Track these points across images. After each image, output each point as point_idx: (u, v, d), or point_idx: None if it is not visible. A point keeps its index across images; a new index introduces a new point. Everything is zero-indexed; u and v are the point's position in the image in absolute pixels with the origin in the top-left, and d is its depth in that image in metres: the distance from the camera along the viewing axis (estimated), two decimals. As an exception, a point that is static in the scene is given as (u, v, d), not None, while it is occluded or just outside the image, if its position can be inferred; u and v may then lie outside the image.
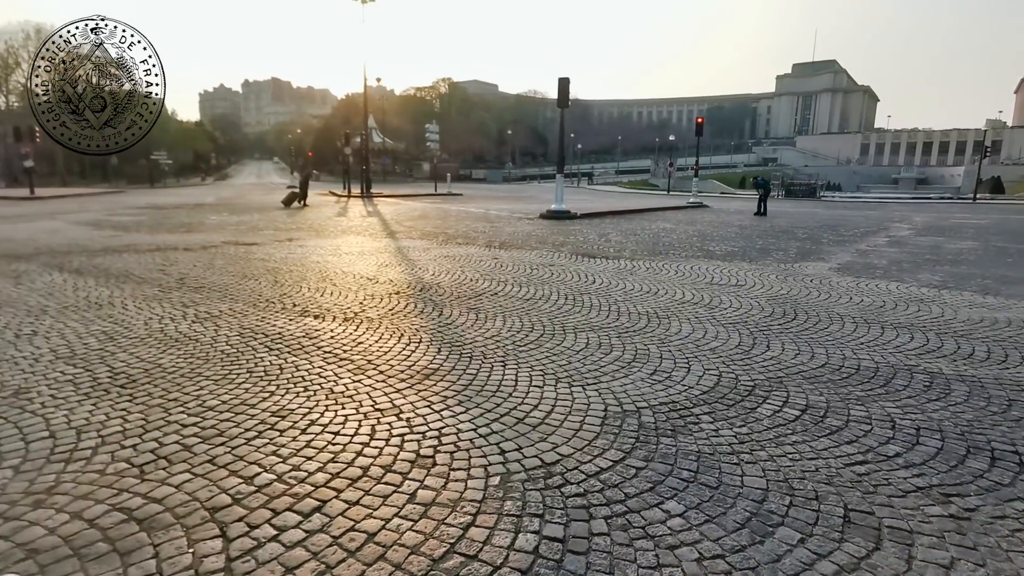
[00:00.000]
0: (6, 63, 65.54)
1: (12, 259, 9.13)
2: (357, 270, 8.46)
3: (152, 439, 3.18)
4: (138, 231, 13.82)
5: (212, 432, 3.28)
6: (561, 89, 18.11)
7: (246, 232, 13.73)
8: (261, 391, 3.88)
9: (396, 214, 20.26)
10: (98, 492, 2.66)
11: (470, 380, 4.16)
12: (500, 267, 8.89)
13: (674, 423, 3.49)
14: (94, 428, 3.29)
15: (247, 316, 5.76)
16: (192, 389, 3.89)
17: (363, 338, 5.12)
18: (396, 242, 12.06)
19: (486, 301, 6.60)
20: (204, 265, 8.71)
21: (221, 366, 4.33)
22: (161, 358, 4.48)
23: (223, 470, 2.88)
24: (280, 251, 10.36)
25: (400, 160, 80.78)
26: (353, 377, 4.17)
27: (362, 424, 3.42)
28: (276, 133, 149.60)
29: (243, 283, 7.37)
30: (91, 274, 7.87)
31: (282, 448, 3.11)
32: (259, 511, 2.54)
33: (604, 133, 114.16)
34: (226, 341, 4.93)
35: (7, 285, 7.03)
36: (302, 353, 4.67)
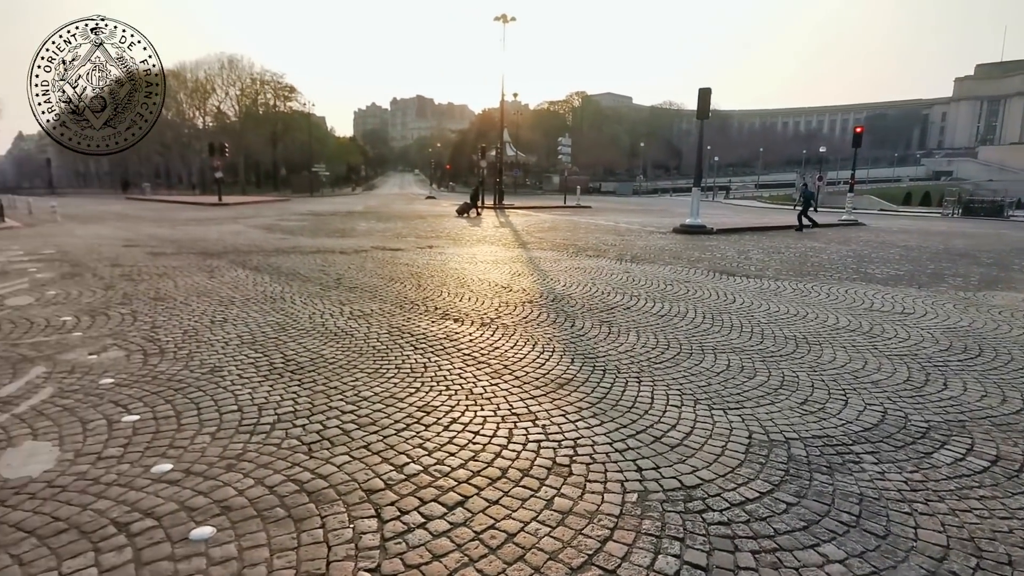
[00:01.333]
0: (204, 89, 77.01)
1: (207, 256, 10.68)
2: (492, 278, 8.79)
3: (317, 421, 3.54)
4: (302, 235, 15.51)
5: (367, 421, 3.58)
6: (702, 100, 17.46)
7: (391, 239, 14.82)
8: (408, 387, 4.16)
9: (527, 225, 20.73)
10: (276, 463, 3.02)
11: (604, 393, 4.13)
12: (632, 281, 8.75)
13: (830, 459, 3.20)
14: (272, 406, 3.73)
15: (394, 316, 6.22)
16: (349, 380, 4.27)
17: (499, 343, 5.30)
18: (528, 252, 12.33)
19: (619, 315, 6.52)
20: (357, 267, 9.55)
21: (373, 360, 4.72)
22: (323, 349, 4.98)
23: (376, 456, 3.13)
24: (422, 257, 11.06)
25: (531, 172, 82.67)
26: (491, 380, 4.33)
27: (500, 427, 3.54)
28: (418, 147, 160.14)
29: (390, 285, 7.97)
30: (266, 271, 8.98)
31: (427, 442, 3.31)
32: (408, 498, 2.73)
33: (744, 145, 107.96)
34: (377, 338, 5.36)
35: (204, 278, 8.24)
36: (444, 354, 4.94)
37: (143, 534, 2.40)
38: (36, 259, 9.91)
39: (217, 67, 75.01)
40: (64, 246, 11.99)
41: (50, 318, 5.69)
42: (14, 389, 3.88)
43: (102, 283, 7.61)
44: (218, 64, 74.90)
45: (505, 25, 35.61)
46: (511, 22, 35.66)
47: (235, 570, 2.21)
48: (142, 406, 3.67)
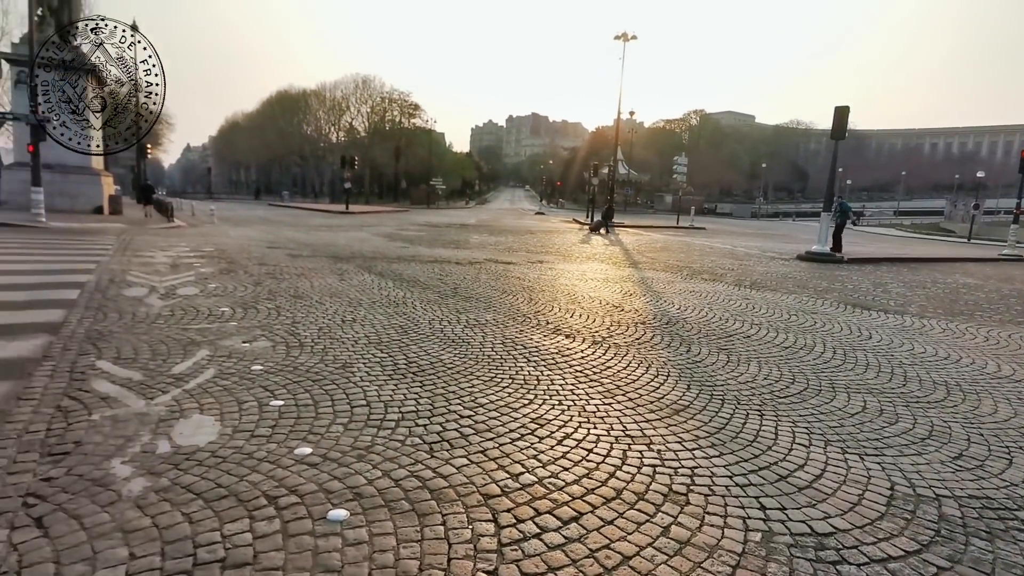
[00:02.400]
0: (340, 107, 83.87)
1: (337, 260, 11.60)
2: (603, 296, 8.73)
3: (437, 423, 3.71)
4: (420, 245, 16.36)
5: (483, 427, 3.70)
6: (838, 118, 16.28)
7: (503, 252, 15.22)
8: (521, 398, 4.25)
9: (637, 245, 20.38)
10: (400, 458, 3.21)
11: (723, 424, 3.96)
12: (752, 308, 8.30)
13: (990, 525, 2.84)
14: (396, 404, 3.97)
15: (508, 328, 6.38)
16: (466, 385, 4.44)
17: (612, 363, 5.25)
18: (639, 272, 12.12)
19: (738, 343, 6.22)
20: (472, 278, 9.91)
21: (488, 369, 4.87)
22: (442, 354, 5.21)
23: (492, 463, 3.22)
24: (533, 272, 11.25)
25: (642, 191, 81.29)
26: (603, 399, 4.30)
27: (613, 447, 3.51)
28: (530, 163, 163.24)
29: (503, 297, 8.19)
30: (389, 277, 9.59)
31: (541, 454, 3.36)
32: (524, 507, 2.78)
33: (882, 167, 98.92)
34: (492, 348, 5.52)
35: (335, 280, 8.96)
36: (556, 369, 4.98)
37: (288, 509, 2.65)
38: (199, 255, 11.30)
39: (352, 87, 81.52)
40: (221, 245, 13.57)
41: (212, 308, 6.46)
42: (185, 368, 4.45)
43: (252, 279, 8.52)
44: (353, 84, 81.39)
45: (625, 43, 35.52)
46: (631, 40, 35.50)
47: (366, 553, 2.38)
48: (286, 393, 4.06)
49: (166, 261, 10.11)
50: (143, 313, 6.04)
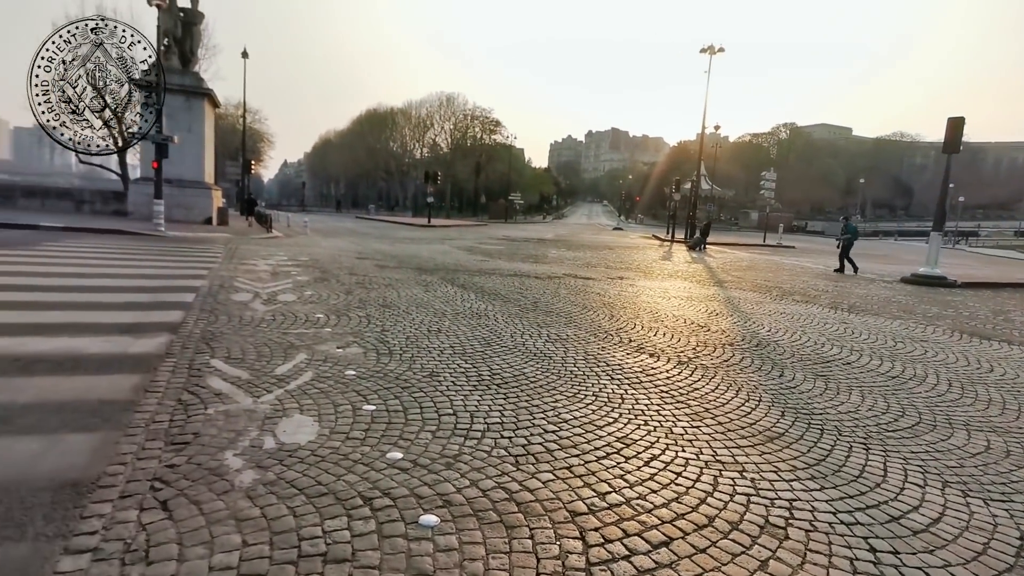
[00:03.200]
0: (424, 124, 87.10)
1: (422, 272, 12.00)
2: (687, 315, 8.48)
3: (522, 436, 3.73)
4: (499, 258, 16.61)
5: (568, 443, 3.68)
6: (951, 130, 15.05)
7: (581, 267, 15.15)
8: (606, 415, 4.19)
9: (722, 262, 19.65)
10: (487, 469, 3.25)
11: (823, 456, 3.72)
12: (851, 333, 7.77)
13: None
14: (482, 415, 4.03)
15: (589, 344, 6.32)
16: (549, 400, 4.44)
17: (698, 385, 5.08)
18: (725, 291, 11.67)
19: (836, 370, 5.83)
20: (551, 293, 9.93)
21: (571, 385, 4.84)
22: (525, 368, 5.25)
23: (578, 480, 3.19)
24: (613, 288, 11.11)
25: (726, 207, 78.44)
26: (691, 422, 4.17)
27: (703, 472, 3.38)
28: (608, 178, 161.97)
29: (584, 313, 8.14)
30: (471, 289, 9.79)
31: (628, 474, 3.30)
32: (611, 527, 2.73)
33: (1001, 184, 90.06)
34: (574, 363, 5.50)
35: (420, 291, 9.26)
36: (640, 388, 4.88)
37: (383, 511, 2.75)
38: (296, 264, 12.04)
39: (436, 104, 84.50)
40: (314, 255, 14.40)
41: (308, 314, 6.86)
42: (286, 369, 4.74)
43: (343, 288, 8.97)
44: (437, 102, 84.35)
45: (712, 56, 34.63)
46: (718, 53, 34.57)
47: (456, 560, 2.42)
48: (377, 399, 4.23)
49: (267, 269, 10.85)
50: (249, 317, 6.51)
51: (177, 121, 22.05)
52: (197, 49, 25.76)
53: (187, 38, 24.53)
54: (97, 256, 10.93)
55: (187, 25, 24.44)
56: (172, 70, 22.31)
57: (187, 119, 23.47)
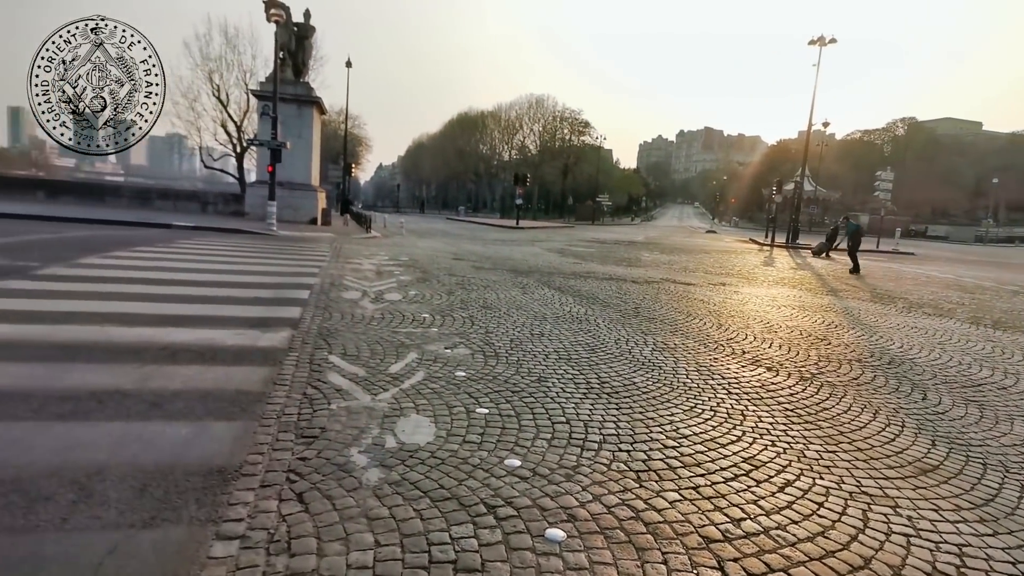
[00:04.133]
0: (514, 127, 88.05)
1: (517, 274, 12.04)
2: (802, 326, 7.89)
3: (641, 450, 3.57)
4: (592, 261, 16.37)
5: (691, 460, 3.47)
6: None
7: (679, 272, 14.60)
8: (728, 433, 3.93)
9: (831, 269, 18.25)
10: (608, 484, 3.12)
11: (991, 495, 3.26)
12: (1001, 353, 6.89)
13: None
14: (596, 425, 3.91)
15: (700, 354, 6.02)
16: (665, 413, 4.23)
17: (827, 404, 4.67)
18: (840, 301, 10.79)
19: (991, 395, 5.17)
20: (651, 298, 9.61)
21: (686, 398, 4.60)
22: (634, 377, 5.06)
23: (707, 502, 2.99)
24: (717, 295, 10.59)
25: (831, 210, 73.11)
26: (825, 446, 3.81)
27: (848, 504, 3.06)
28: (700, 179, 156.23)
29: (689, 321, 7.78)
30: (568, 292, 9.68)
31: (761, 500, 3.05)
32: (752, 559, 2.52)
33: None
34: (686, 374, 5.23)
35: (518, 293, 9.27)
36: (762, 404, 4.55)
37: (507, 520, 2.70)
38: (397, 264, 12.47)
39: (526, 107, 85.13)
40: (413, 255, 14.87)
41: (414, 314, 7.03)
42: (399, 368, 4.85)
43: (444, 289, 9.16)
44: (527, 104, 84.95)
45: (821, 48, 32.36)
46: (829, 44, 32.24)
47: (588, 581, 2.32)
48: (489, 401, 4.21)
49: (372, 268, 11.31)
50: (359, 315, 6.77)
51: (289, 128, 23.60)
52: (308, 60, 27.47)
53: (300, 51, 26.24)
54: (222, 253, 11.87)
55: (300, 39, 26.14)
56: (286, 81, 23.95)
57: (298, 126, 25.06)
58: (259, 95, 25.94)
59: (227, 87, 33.91)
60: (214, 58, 33.29)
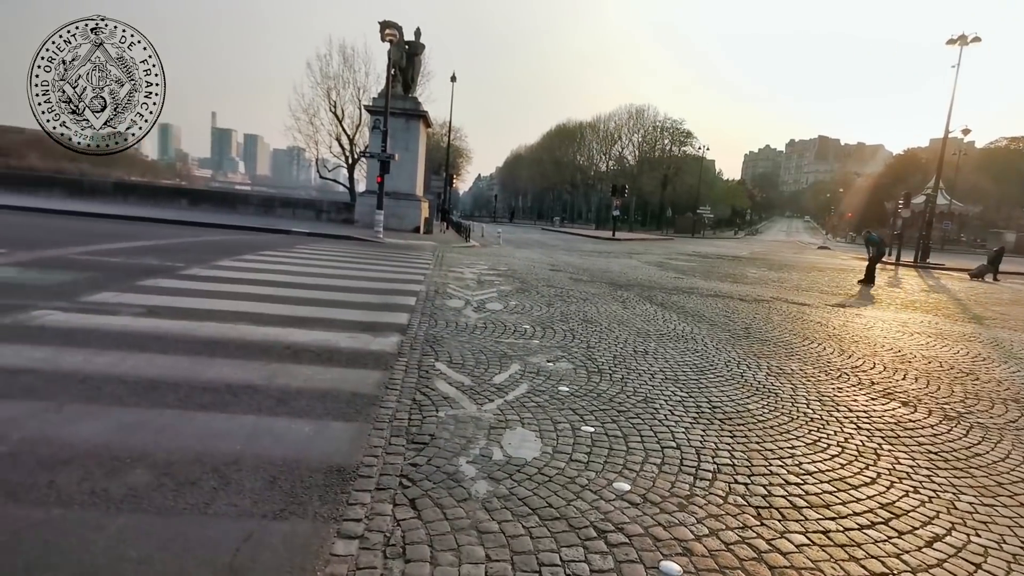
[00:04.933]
0: (612, 137, 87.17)
1: (616, 287, 11.82)
2: (942, 357, 7.07)
3: (759, 484, 3.32)
4: (694, 276, 15.74)
5: (817, 501, 3.18)
6: None
7: (791, 290, 13.66)
8: (860, 473, 3.57)
9: (971, 293, 16.31)
10: (725, 518, 2.92)
11: None
12: None
13: None
14: (708, 453, 3.70)
15: (821, 382, 5.55)
16: (784, 445, 3.93)
17: (979, 450, 4.12)
18: (986, 330, 9.58)
19: None
20: (762, 318, 9.05)
21: (807, 430, 4.25)
22: (748, 403, 4.75)
23: (841, 551, 2.71)
24: (836, 317, 9.78)
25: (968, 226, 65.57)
26: (980, 498, 3.36)
27: (1012, 569, 2.66)
28: (812, 191, 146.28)
29: (806, 345, 7.23)
30: (671, 309, 9.34)
31: (906, 554, 2.72)
32: (899, 622, 2.24)
33: None
34: (806, 404, 4.84)
35: (618, 308, 9.08)
36: (899, 444, 4.10)
37: (619, 548, 2.60)
38: (497, 274, 12.67)
39: (625, 117, 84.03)
40: (511, 265, 15.05)
41: (516, 325, 7.07)
42: (503, 379, 4.88)
43: (544, 300, 9.16)
44: (627, 115, 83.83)
45: (963, 48, 29.24)
46: (972, 43, 29.06)
47: (709, 624, 2.17)
48: (594, 420, 4.12)
49: (472, 277, 11.56)
50: (463, 323, 6.91)
51: (397, 140, 24.82)
52: (417, 76, 28.83)
53: (410, 67, 27.59)
54: (334, 258, 12.66)
55: (411, 56, 27.50)
56: (396, 96, 25.23)
57: (405, 139, 26.32)
58: (371, 110, 27.54)
59: (342, 103, 36.49)
60: (332, 76, 35.95)
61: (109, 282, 7.38)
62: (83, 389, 3.85)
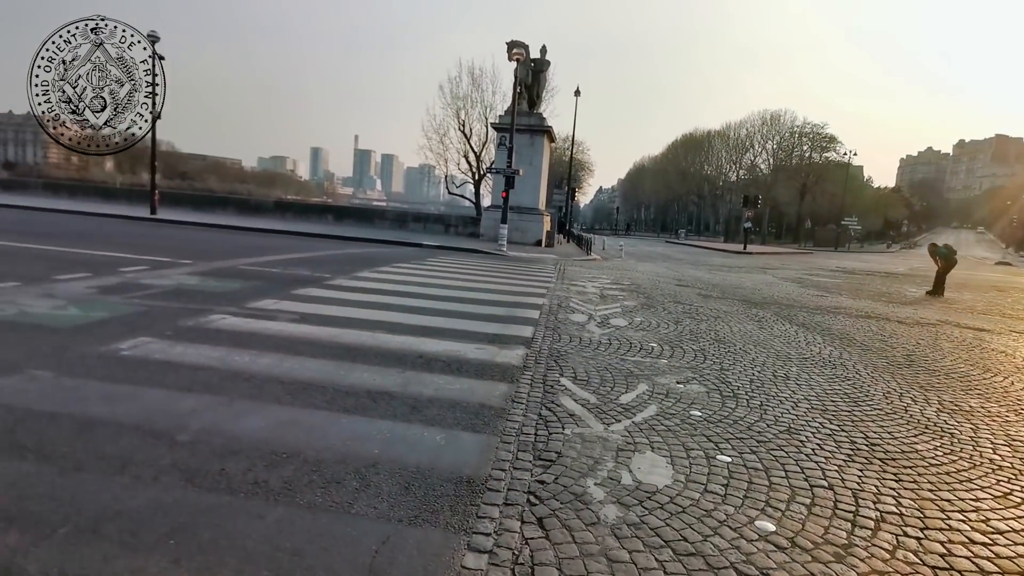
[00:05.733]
0: (743, 145, 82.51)
1: (749, 304, 11.06)
2: None
3: (935, 540, 2.87)
4: (839, 294, 14.29)
5: (1012, 567, 2.68)
6: None
7: (962, 312, 11.91)
8: (1071, 539, 2.96)
9: None
10: None
11: None
12: None
13: None
14: (868, 497, 3.27)
15: (1010, 423, 4.73)
16: (965, 496, 3.37)
17: None
18: None
19: None
20: (928, 345, 7.95)
21: (994, 479, 3.62)
22: (915, 443, 4.16)
23: (1050, 633, 2.25)
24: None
25: None
26: None
27: None
28: (986, 199, 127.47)
29: (987, 377, 6.23)
30: (814, 330, 8.53)
31: None
32: None
33: None
34: (992, 449, 4.14)
35: (754, 327, 8.47)
36: (1125, 507, 3.35)
37: (766, 596, 2.36)
38: (620, 288, 12.43)
39: (759, 124, 79.12)
40: (635, 280, 14.69)
41: (642, 342, 6.85)
42: (630, 399, 4.72)
43: (671, 317, 8.79)
44: (760, 121, 78.91)
45: None
46: None
47: None
48: (731, 449, 3.83)
49: (595, 291, 11.43)
50: (587, 339, 6.83)
51: (521, 156, 25.39)
52: (542, 92, 29.37)
53: (535, 84, 28.19)
54: (461, 271, 13.16)
55: (536, 73, 28.09)
56: (521, 113, 25.86)
57: (529, 154, 26.85)
58: (497, 128, 28.48)
59: (470, 122, 38.10)
60: (461, 97, 37.71)
61: (269, 290, 8.26)
62: (248, 387, 4.30)
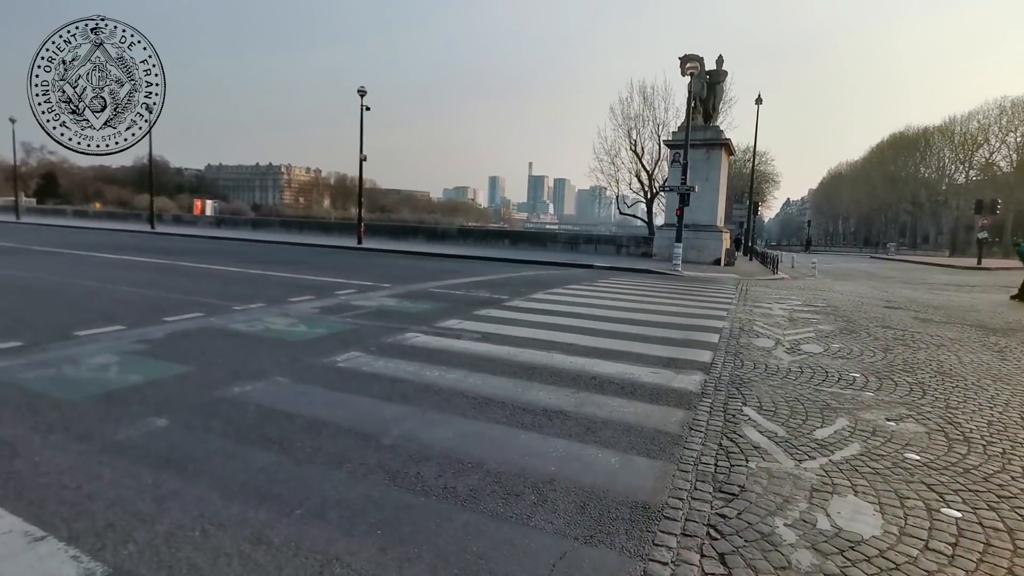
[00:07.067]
0: (974, 141, 69.56)
1: (987, 331, 9.23)
2: None
3: None
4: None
5: None
6: None
7: None
8: None
9: None
10: None
11: None
12: None
13: None
14: None
15: None
16: None
17: None
18: None
19: None
20: None
21: None
22: None
23: None
24: None
25: None
26: None
27: None
28: None
29: None
30: (1083, 364, 6.82)
31: None
32: None
33: None
34: None
35: (992, 358, 7.05)
36: None
37: None
38: (813, 310, 11.21)
39: (995, 114, 66.22)
40: (831, 300, 13.15)
41: (840, 371, 6.11)
42: (826, 435, 4.24)
43: (878, 344, 7.70)
44: (997, 110, 65.98)
45: None
46: None
47: None
48: (961, 502, 3.25)
49: (783, 314, 10.47)
50: (774, 366, 6.28)
51: (697, 172, 24.36)
52: (719, 104, 28.02)
53: (711, 96, 27.01)
54: (633, 292, 12.97)
55: (711, 85, 26.93)
56: (696, 127, 24.91)
57: (705, 169, 25.68)
58: (670, 144, 27.78)
59: (642, 141, 37.63)
60: (633, 116, 37.47)
61: (455, 311, 8.99)
62: (438, 400, 4.73)
